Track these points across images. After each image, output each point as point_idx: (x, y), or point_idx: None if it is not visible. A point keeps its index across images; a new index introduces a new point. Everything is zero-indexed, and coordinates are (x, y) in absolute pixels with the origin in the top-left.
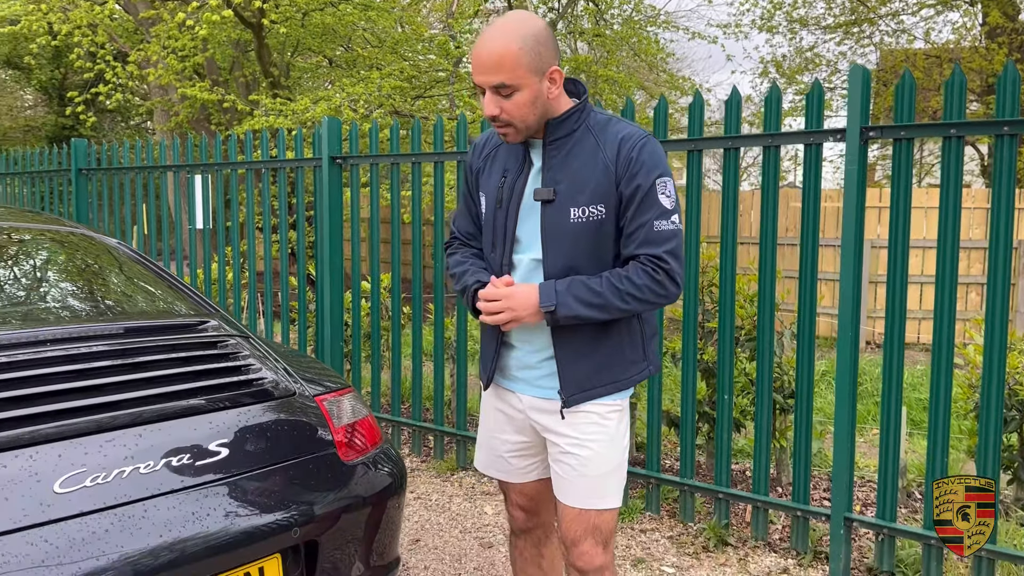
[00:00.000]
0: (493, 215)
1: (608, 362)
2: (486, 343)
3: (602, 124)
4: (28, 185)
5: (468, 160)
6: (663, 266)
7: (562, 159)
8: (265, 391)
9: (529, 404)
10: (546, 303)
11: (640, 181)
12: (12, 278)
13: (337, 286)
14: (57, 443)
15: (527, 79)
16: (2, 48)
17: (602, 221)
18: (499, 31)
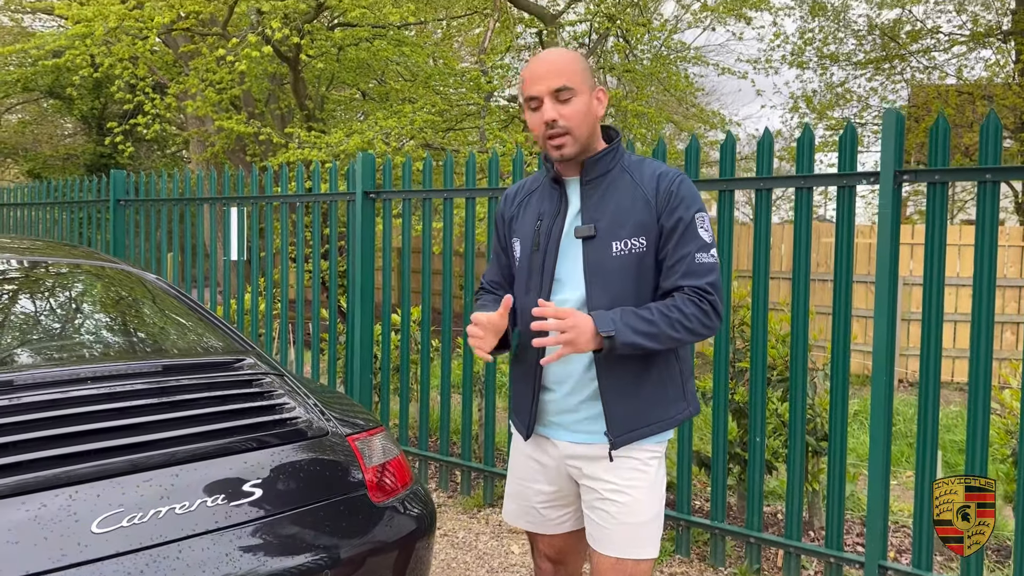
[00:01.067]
0: (529, 258)
1: (652, 400)
2: (521, 388)
3: (636, 163)
4: (67, 213)
5: (499, 210)
6: (708, 297)
7: (600, 197)
8: (298, 431)
9: (567, 451)
10: (606, 329)
11: (681, 214)
12: (53, 313)
13: (368, 319)
14: (96, 482)
15: (583, 87)
16: (45, 79)
17: (643, 254)
18: (555, 49)
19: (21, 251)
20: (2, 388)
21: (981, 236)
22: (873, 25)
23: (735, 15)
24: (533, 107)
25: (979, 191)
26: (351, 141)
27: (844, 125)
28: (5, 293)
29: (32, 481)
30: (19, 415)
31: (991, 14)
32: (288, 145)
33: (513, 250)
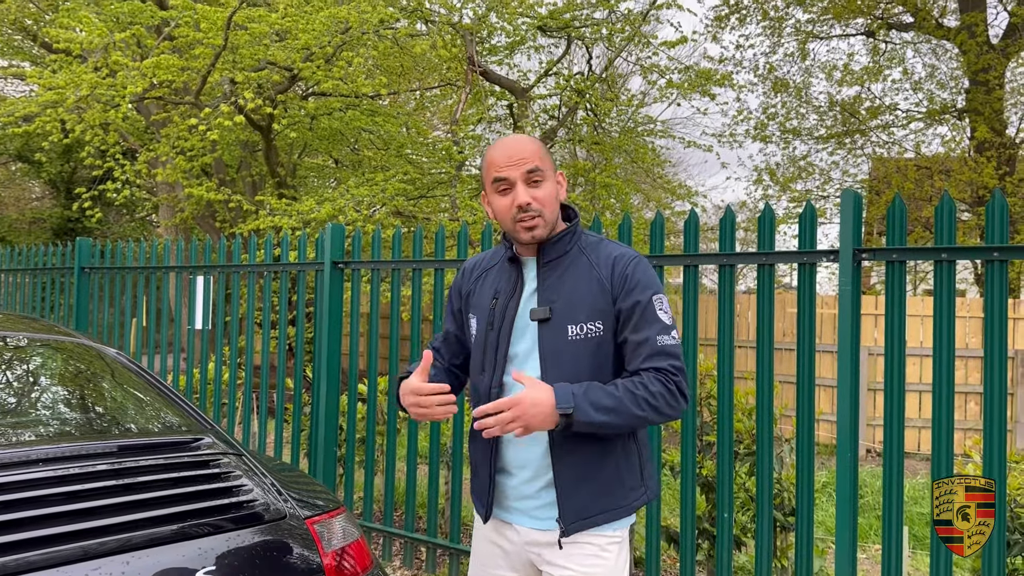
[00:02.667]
0: (484, 336)
1: (608, 488)
2: (479, 470)
3: (593, 245)
4: (31, 278)
5: (456, 282)
6: (674, 378)
7: (557, 279)
8: (255, 514)
9: (528, 537)
10: (563, 405)
11: (638, 297)
12: (7, 389)
13: (334, 390)
14: (44, 571)
15: (549, 171)
16: (14, 142)
17: (600, 339)
18: (519, 135)
19: None
20: None
21: (939, 311)
22: (833, 102)
23: (699, 91)
24: (502, 189)
25: (936, 269)
26: (322, 209)
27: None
28: None
29: None
30: None
31: (946, 92)
32: (259, 212)
33: (469, 326)
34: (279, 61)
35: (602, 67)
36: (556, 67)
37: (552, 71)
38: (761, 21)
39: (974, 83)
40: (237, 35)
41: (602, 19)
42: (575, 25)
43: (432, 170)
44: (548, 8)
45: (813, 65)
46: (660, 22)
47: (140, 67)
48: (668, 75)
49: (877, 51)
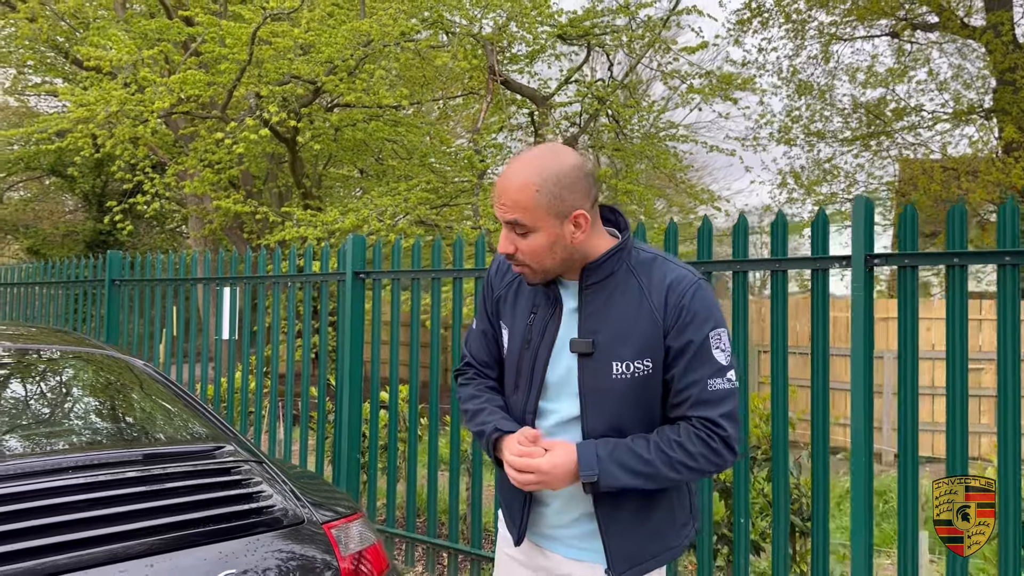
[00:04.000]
0: (519, 354)
1: (660, 529)
2: (512, 492)
3: (646, 264)
4: (64, 290)
5: (488, 277)
6: (719, 432)
7: (601, 305)
8: (275, 519)
9: (561, 566)
10: (586, 472)
11: (692, 335)
12: (40, 400)
13: (356, 399)
14: (74, 573)
15: (544, 221)
16: (48, 158)
17: (648, 376)
18: (522, 165)
19: (11, 338)
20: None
21: (951, 315)
22: (857, 104)
23: (720, 96)
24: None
25: (948, 274)
26: (347, 219)
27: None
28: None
29: (11, 572)
30: (4, 505)
31: (972, 92)
32: (285, 223)
33: (501, 336)
34: (303, 75)
35: (623, 73)
36: (577, 74)
37: (573, 79)
38: (784, 24)
39: (1001, 82)
40: (262, 50)
41: (622, 26)
42: (595, 32)
43: (454, 179)
44: (568, 16)
45: (837, 67)
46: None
47: (168, 83)
48: (689, 80)
49: (902, 52)
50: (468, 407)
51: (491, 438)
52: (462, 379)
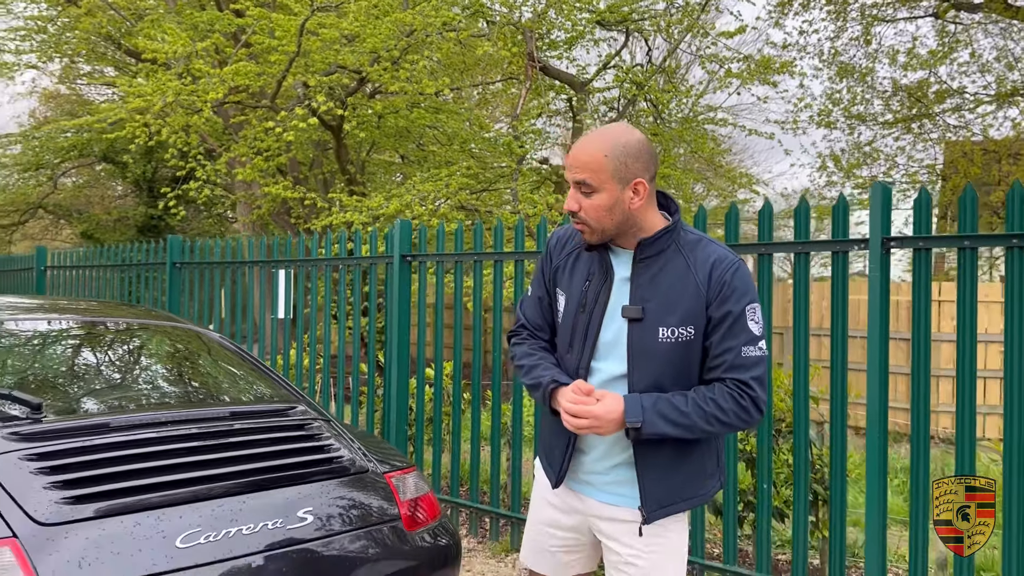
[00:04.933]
0: (574, 317)
1: (690, 478)
2: (555, 440)
3: (692, 244)
4: (119, 273)
5: (548, 247)
6: (749, 392)
7: (651, 277)
8: (343, 468)
9: (594, 510)
10: (632, 419)
11: (731, 307)
12: (140, 368)
13: (403, 374)
14: (180, 506)
15: (608, 184)
16: (100, 145)
17: (690, 342)
18: (596, 135)
19: (104, 313)
20: (100, 429)
21: (962, 297)
22: (897, 86)
23: (759, 80)
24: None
25: (959, 256)
26: (390, 204)
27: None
28: (99, 350)
29: (127, 505)
30: (115, 451)
31: (1016, 74)
32: (331, 208)
33: (557, 301)
34: (349, 65)
35: (661, 58)
36: (615, 60)
37: (611, 64)
38: (825, 5)
39: None
40: (309, 41)
41: (661, 11)
42: (633, 18)
43: (494, 164)
44: (607, 2)
45: (879, 50)
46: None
47: (220, 74)
48: (727, 65)
49: (944, 33)
50: (523, 363)
51: (548, 389)
52: (516, 339)
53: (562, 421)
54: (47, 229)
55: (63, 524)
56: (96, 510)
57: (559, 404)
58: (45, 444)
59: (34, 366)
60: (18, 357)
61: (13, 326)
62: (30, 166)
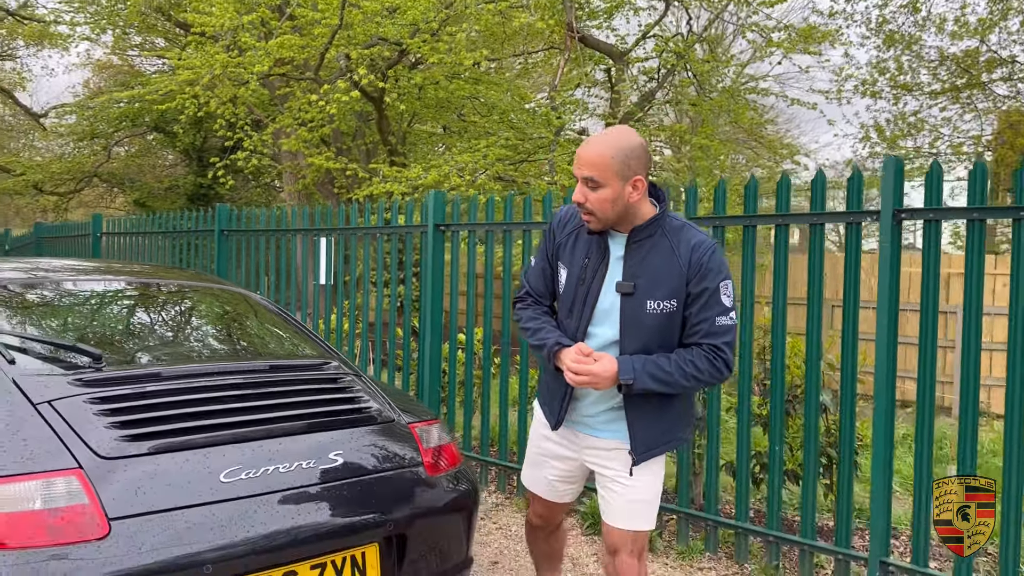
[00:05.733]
0: (574, 288)
1: (672, 426)
2: (554, 387)
3: (676, 229)
4: (170, 240)
5: (552, 226)
6: (721, 355)
7: (642, 257)
8: (371, 417)
9: (588, 443)
10: (625, 377)
11: (708, 284)
12: (188, 325)
13: (437, 339)
14: (223, 446)
15: (612, 180)
16: (151, 115)
17: (673, 313)
18: (601, 138)
19: (156, 275)
20: (153, 378)
21: (970, 268)
22: (944, 55)
23: (800, 49)
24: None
25: (968, 228)
26: (429, 175)
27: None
28: (151, 308)
29: (178, 443)
30: (166, 397)
31: None
32: (372, 179)
33: (559, 274)
34: (389, 37)
35: (702, 28)
36: (655, 29)
37: (651, 33)
38: None
39: None
40: (351, 13)
41: None
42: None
43: (532, 135)
44: None
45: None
46: None
47: (266, 47)
48: (768, 34)
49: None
50: (529, 325)
51: (552, 349)
52: (521, 305)
53: (564, 377)
54: (102, 197)
55: (121, 458)
56: (150, 447)
57: (562, 362)
58: (105, 389)
59: (93, 322)
60: (79, 314)
61: (74, 287)
62: (85, 135)
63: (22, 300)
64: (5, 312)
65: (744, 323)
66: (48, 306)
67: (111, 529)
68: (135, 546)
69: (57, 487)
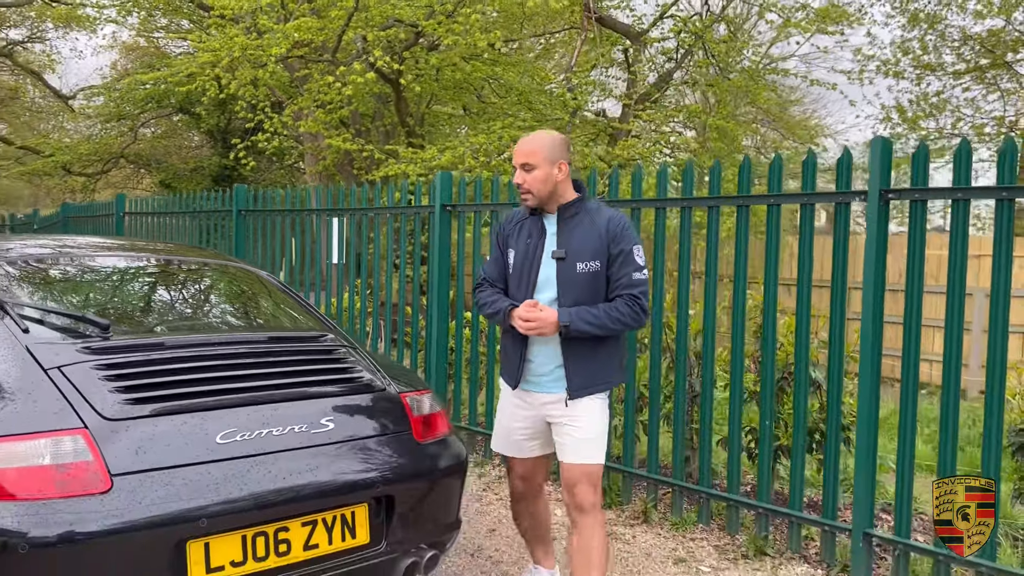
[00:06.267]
0: (520, 265)
1: (601, 369)
2: (510, 355)
3: (595, 210)
4: (193, 220)
5: (501, 226)
6: (639, 302)
7: (570, 231)
8: (363, 386)
9: (542, 399)
10: (564, 321)
11: (623, 246)
12: (193, 298)
13: (443, 317)
14: (220, 410)
15: (542, 164)
16: (176, 96)
17: (597, 272)
18: (533, 135)
19: (167, 252)
20: (157, 347)
21: (954, 249)
22: (967, 35)
23: (818, 29)
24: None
25: (952, 208)
26: (444, 156)
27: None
28: (158, 283)
29: (177, 407)
30: (168, 364)
31: None
32: (389, 160)
33: (508, 257)
34: (405, 18)
35: (720, 7)
36: (673, 9)
37: (668, 13)
38: None
39: None
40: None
41: None
42: None
43: (551, 116)
44: None
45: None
46: None
47: (284, 29)
48: (789, 15)
49: None
50: (486, 301)
51: (506, 310)
52: (479, 290)
53: (516, 328)
54: (129, 178)
55: (124, 420)
56: (151, 410)
57: (514, 319)
58: (111, 356)
59: (109, 296)
60: (96, 288)
61: (93, 262)
62: (112, 117)
63: (42, 274)
64: (25, 285)
65: (737, 302)
66: (67, 280)
67: (113, 484)
68: (136, 500)
69: (64, 445)
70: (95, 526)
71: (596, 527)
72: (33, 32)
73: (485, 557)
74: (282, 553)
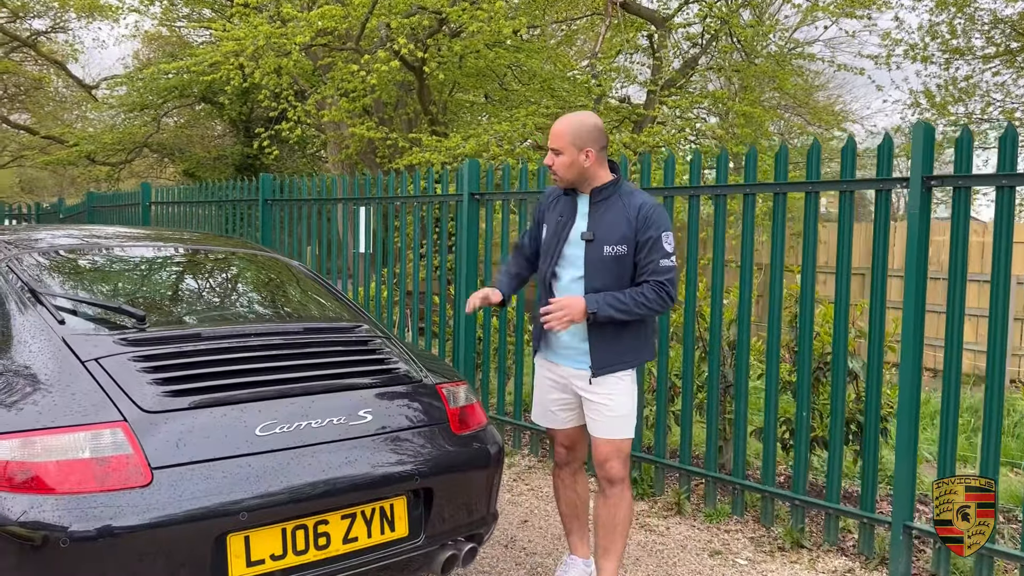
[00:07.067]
0: (549, 241)
1: (624, 350)
2: (538, 322)
3: (628, 193)
4: (218, 209)
5: (541, 200)
6: (665, 288)
7: (601, 213)
8: (400, 377)
9: (570, 373)
10: (591, 308)
11: (652, 233)
12: (226, 288)
13: None
14: (259, 402)
15: (568, 149)
16: (199, 86)
17: (624, 256)
18: (563, 119)
19: (197, 242)
20: (194, 338)
21: (998, 235)
22: (997, 18)
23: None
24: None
25: (997, 195)
26: (468, 144)
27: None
28: (194, 273)
29: (216, 399)
30: (205, 356)
31: None
32: (413, 148)
33: (542, 230)
34: (428, 5)
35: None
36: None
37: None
38: None
39: None
40: None
41: None
42: None
43: (572, 104)
44: None
45: None
46: None
47: (307, 17)
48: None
49: None
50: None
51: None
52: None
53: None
54: (152, 167)
55: (163, 412)
56: (191, 402)
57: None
58: (148, 348)
59: (140, 286)
60: (127, 278)
61: (122, 252)
62: (135, 106)
63: (73, 264)
64: (56, 275)
65: (773, 290)
66: (97, 270)
67: (154, 477)
68: (176, 494)
69: (104, 438)
70: (136, 520)
71: (623, 498)
72: (56, 22)
73: (519, 548)
74: (322, 546)
